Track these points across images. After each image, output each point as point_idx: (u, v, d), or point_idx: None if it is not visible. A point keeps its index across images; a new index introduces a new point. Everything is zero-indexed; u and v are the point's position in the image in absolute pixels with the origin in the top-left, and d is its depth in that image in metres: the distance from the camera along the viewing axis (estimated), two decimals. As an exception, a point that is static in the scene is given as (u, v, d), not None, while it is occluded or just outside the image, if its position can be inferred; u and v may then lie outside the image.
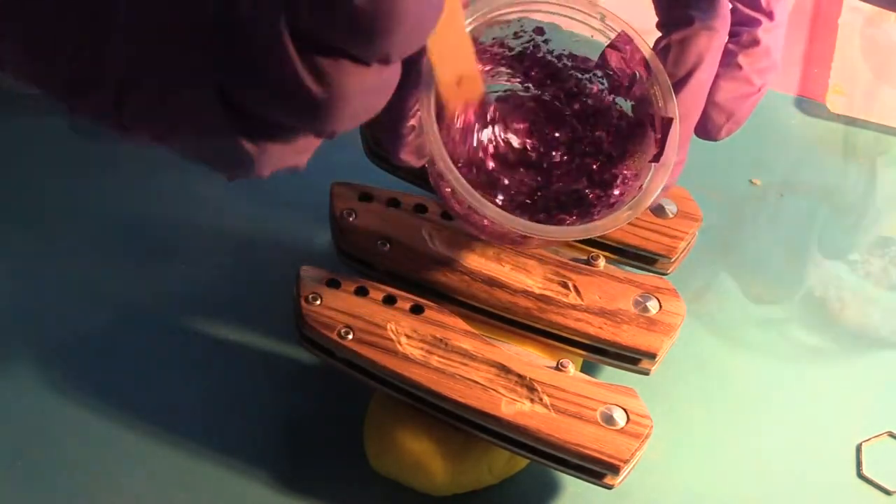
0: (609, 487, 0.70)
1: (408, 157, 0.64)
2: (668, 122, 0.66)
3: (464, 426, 0.71)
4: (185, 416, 0.77)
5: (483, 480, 0.74)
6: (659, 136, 0.67)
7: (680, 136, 0.66)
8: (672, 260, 0.75)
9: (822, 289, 0.80)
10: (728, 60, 0.68)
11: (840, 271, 0.77)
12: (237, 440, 0.76)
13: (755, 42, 0.69)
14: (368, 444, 0.74)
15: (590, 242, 0.75)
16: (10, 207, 0.84)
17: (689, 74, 0.67)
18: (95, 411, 0.77)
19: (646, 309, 0.73)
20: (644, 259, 0.76)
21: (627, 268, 0.75)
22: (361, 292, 0.73)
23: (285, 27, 0.48)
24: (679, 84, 0.67)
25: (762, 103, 0.89)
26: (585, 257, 0.74)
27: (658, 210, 0.75)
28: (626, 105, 0.70)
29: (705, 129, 0.69)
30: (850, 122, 0.83)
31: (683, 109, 0.67)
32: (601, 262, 0.74)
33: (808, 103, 0.89)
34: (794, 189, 0.86)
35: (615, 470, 0.69)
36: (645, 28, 0.92)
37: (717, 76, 0.68)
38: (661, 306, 0.73)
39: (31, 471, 0.75)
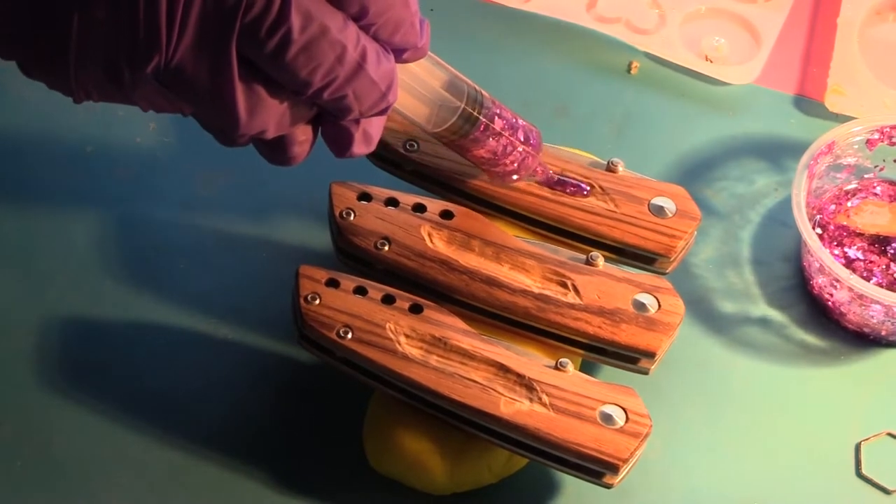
0: (608, 487, 0.70)
1: (359, 150, 0.64)
2: None
3: (463, 425, 0.71)
4: (185, 415, 0.77)
5: (482, 480, 0.74)
6: None
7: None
8: (671, 259, 0.75)
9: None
10: None
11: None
12: (237, 440, 0.76)
13: None
14: (368, 444, 0.74)
15: (588, 242, 0.75)
16: (9, 207, 0.84)
17: None
18: (95, 411, 0.77)
19: (645, 308, 0.73)
20: (643, 258, 0.76)
21: (626, 267, 0.75)
22: (360, 292, 0.73)
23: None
24: None
25: (762, 102, 0.89)
26: (584, 257, 0.74)
27: (657, 209, 0.75)
28: None
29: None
30: (849, 121, 0.83)
31: None
32: (600, 262, 0.74)
33: (807, 103, 0.89)
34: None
35: (614, 469, 0.69)
36: (644, 28, 0.92)
37: None
38: (660, 305, 0.73)
39: (31, 471, 0.75)
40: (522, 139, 0.72)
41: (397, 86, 0.61)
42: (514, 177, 0.74)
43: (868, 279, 0.80)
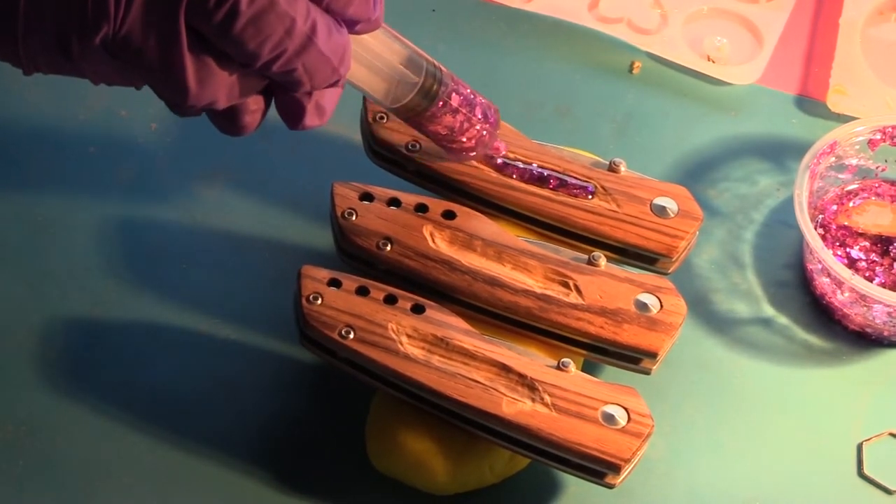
0: (610, 487, 0.70)
1: (312, 122, 0.64)
2: None
3: (465, 426, 0.71)
4: (186, 415, 0.77)
5: (484, 480, 0.74)
6: None
7: None
8: (673, 259, 0.75)
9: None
10: None
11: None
12: (238, 440, 0.76)
13: None
14: (370, 444, 0.74)
15: (590, 242, 0.75)
16: (10, 207, 0.84)
17: None
18: (95, 411, 0.77)
19: (647, 308, 0.73)
20: (645, 258, 0.76)
21: (628, 267, 0.75)
22: (362, 292, 0.73)
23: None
24: None
25: (764, 102, 0.89)
26: (586, 257, 0.74)
27: (659, 210, 0.75)
28: None
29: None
30: (851, 121, 0.83)
31: None
32: (602, 262, 0.74)
33: (809, 103, 0.89)
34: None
35: (616, 469, 0.69)
36: (646, 28, 0.92)
37: None
38: (662, 306, 0.73)
39: (33, 470, 0.75)
40: (481, 116, 0.72)
41: (350, 59, 0.61)
42: (472, 153, 0.74)
43: (870, 280, 0.80)
